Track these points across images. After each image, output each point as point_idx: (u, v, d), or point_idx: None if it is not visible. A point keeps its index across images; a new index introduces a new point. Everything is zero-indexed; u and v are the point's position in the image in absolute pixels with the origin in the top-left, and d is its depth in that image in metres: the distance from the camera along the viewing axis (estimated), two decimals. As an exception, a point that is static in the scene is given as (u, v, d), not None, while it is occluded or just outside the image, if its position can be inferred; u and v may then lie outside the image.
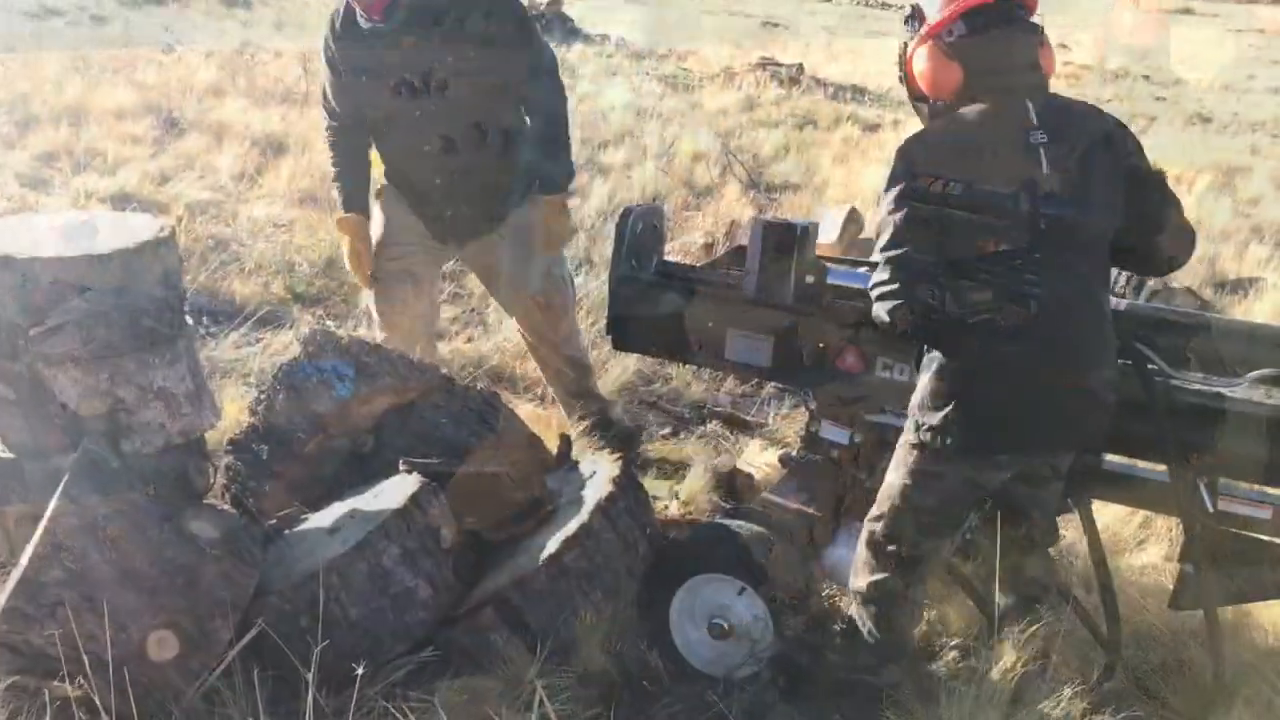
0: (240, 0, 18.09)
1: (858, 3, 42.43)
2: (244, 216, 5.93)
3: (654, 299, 3.16)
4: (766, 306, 2.87)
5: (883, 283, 2.33)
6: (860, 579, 2.62)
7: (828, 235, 5.14)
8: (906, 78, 2.50)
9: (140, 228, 2.63)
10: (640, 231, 3.15)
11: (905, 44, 2.49)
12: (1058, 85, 2.47)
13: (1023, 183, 2.29)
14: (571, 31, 16.74)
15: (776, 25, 25.18)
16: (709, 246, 5.95)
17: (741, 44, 19.02)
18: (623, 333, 3.27)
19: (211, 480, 2.81)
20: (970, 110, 2.35)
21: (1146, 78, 18.48)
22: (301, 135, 7.83)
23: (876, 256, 2.38)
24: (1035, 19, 2.41)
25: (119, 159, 7.03)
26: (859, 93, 13.76)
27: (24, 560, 2.25)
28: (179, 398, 2.61)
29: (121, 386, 2.49)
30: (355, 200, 3.58)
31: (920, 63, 2.42)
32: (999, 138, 2.32)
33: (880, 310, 2.35)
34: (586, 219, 6.85)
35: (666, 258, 3.32)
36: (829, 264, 2.97)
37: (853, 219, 5.30)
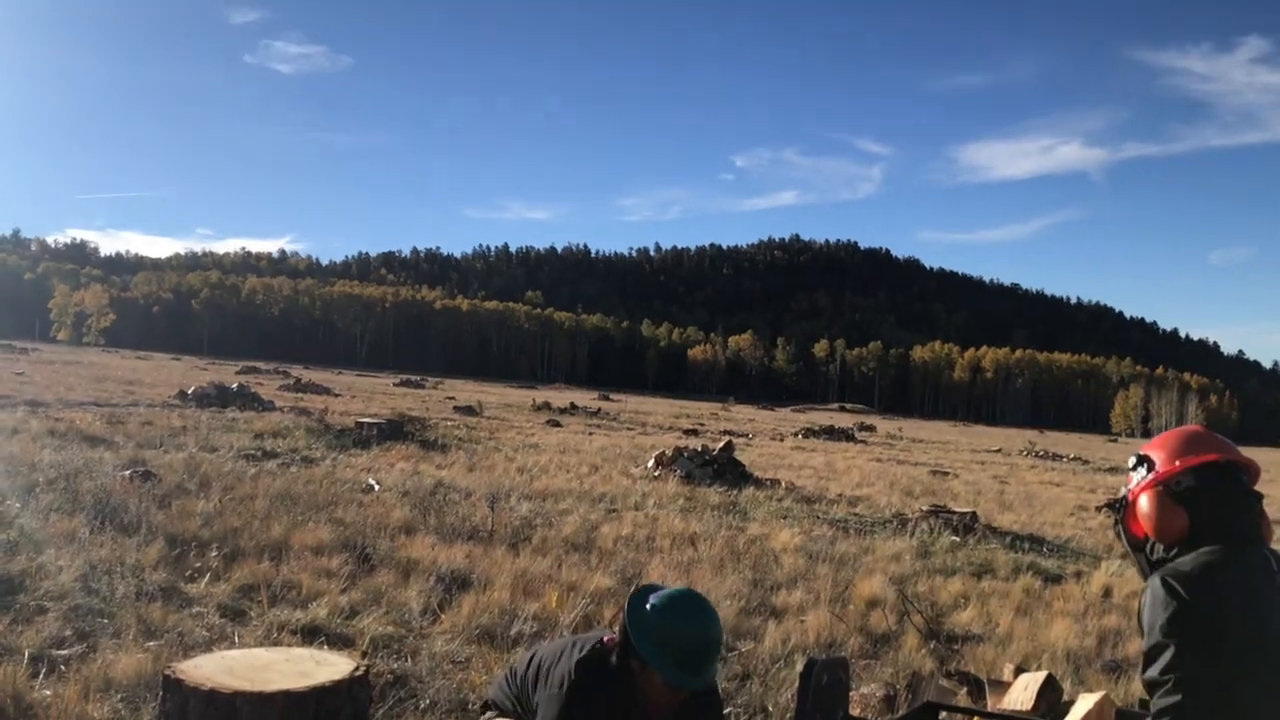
0: (437, 445, 19.69)
1: (1026, 454, 42.89)
2: (424, 652, 6.04)
3: (840, 759, 3.01)
4: None
5: (1173, 708, 2.21)
6: None
7: (1023, 702, 4.86)
8: (1125, 520, 2.50)
9: (336, 666, 2.72)
10: (825, 684, 3.07)
11: (1126, 489, 2.53)
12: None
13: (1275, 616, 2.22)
14: (743, 476, 17.36)
15: (946, 474, 25.52)
16: (889, 700, 5.67)
17: (912, 490, 19.27)
18: (805, 795, 3.08)
19: None
20: (1209, 549, 2.33)
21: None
22: (484, 572, 8.13)
23: (1156, 679, 2.25)
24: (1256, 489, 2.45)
25: (312, 592, 7.40)
26: (1036, 542, 13.50)
27: None
28: (351, 842, 2.55)
29: (299, 827, 2.47)
30: None
31: (1146, 506, 2.44)
32: (1248, 571, 2.28)
33: None
34: (759, 664, 6.69)
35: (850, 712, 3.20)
36: None
37: (1050, 685, 5.01)
